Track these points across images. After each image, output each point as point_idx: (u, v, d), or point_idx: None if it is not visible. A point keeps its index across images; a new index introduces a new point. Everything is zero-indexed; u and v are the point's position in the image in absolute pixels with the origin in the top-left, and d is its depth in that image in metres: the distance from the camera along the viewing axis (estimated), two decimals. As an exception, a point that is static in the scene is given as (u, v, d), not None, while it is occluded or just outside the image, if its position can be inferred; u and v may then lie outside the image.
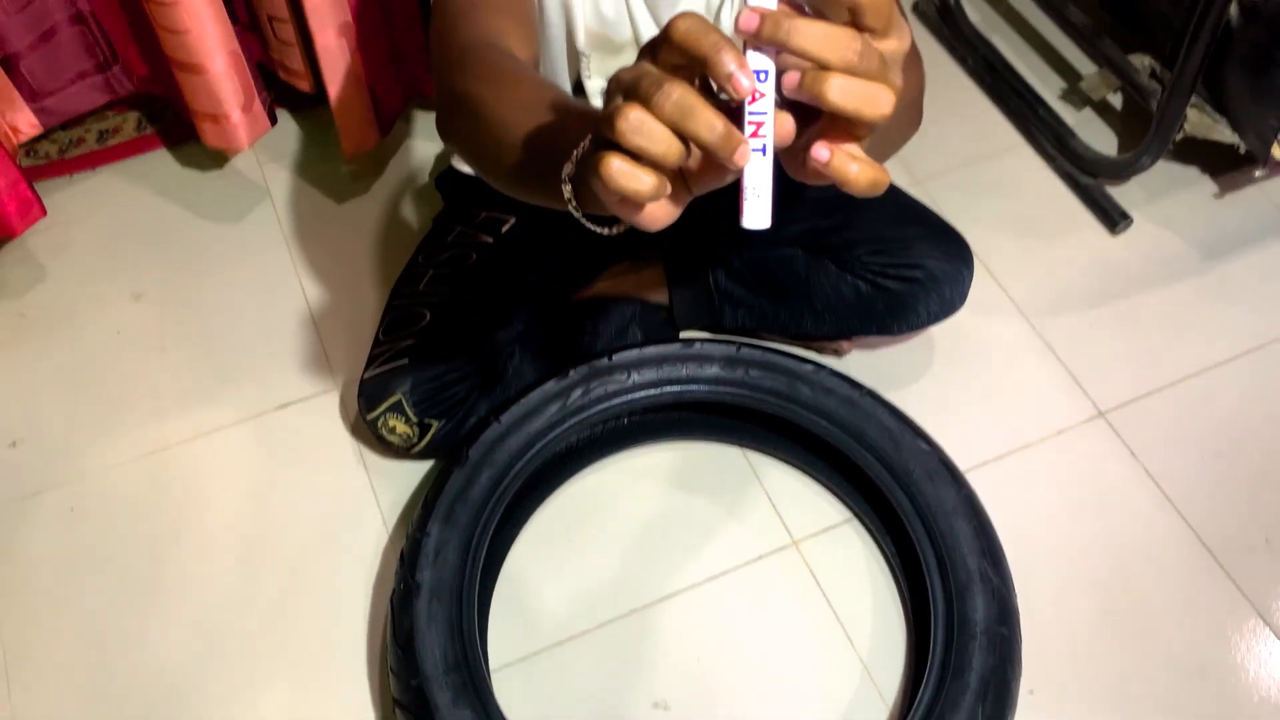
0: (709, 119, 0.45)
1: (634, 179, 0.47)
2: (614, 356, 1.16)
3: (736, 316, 1.29)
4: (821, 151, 0.48)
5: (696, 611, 1.14)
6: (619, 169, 0.47)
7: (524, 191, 0.65)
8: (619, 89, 0.48)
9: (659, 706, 1.09)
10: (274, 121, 1.40)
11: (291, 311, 1.39)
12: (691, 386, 1.17)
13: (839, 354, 1.32)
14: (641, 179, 0.47)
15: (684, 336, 1.31)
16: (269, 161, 1.54)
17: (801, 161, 0.50)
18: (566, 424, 1.13)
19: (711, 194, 0.52)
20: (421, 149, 1.55)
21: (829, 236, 1.21)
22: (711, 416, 1.25)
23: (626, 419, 1.23)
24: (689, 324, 1.32)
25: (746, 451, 1.26)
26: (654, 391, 1.16)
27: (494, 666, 1.10)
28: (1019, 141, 1.57)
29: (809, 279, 1.22)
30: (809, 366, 1.17)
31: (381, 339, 1.18)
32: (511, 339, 1.20)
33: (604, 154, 0.47)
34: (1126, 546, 1.19)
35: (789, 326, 1.27)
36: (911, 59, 0.73)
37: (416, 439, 1.16)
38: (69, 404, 1.31)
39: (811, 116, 0.50)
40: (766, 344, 1.22)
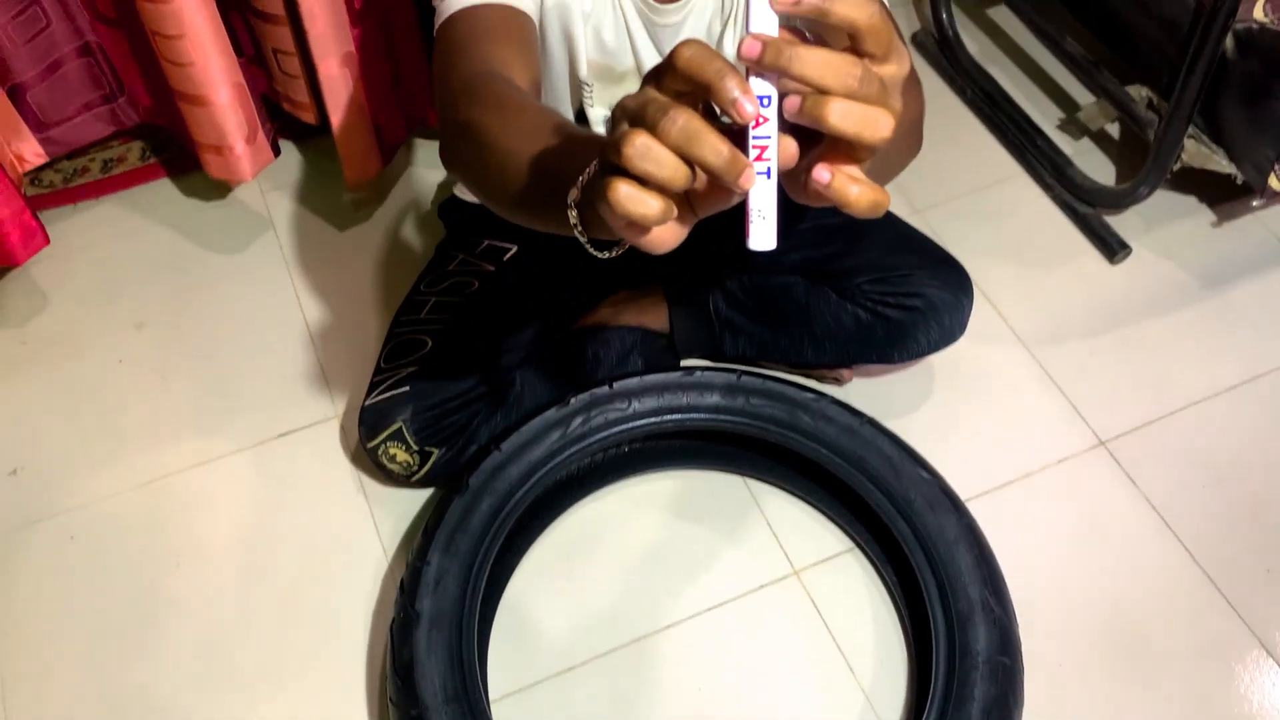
0: (714, 144, 0.46)
1: (641, 203, 0.48)
2: (615, 384, 1.17)
3: (737, 344, 1.29)
4: (823, 174, 0.49)
5: (697, 641, 1.14)
6: (627, 194, 0.48)
7: (528, 217, 0.65)
8: (625, 115, 0.49)
9: (659, 737, 1.08)
10: (277, 153, 1.41)
11: (293, 340, 1.39)
12: (692, 415, 1.17)
13: (839, 382, 1.32)
14: (649, 203, 0.48)
15: (685, 364, 1.32)
16: (271, 190, 1.55)
17: (803, 184, 0.51)
18: (567, 452, 1.13)
19: (714, 219, 0.52)
20: (423, 177, 1.56)
21: (829, 264, 1.21)
22: (712, 445, 1.25)
23: (627, 447, 1.23)
24: (690, 352, 1.32)
25: (747, 480, 1.26)
26: (654, 419, 1.16)
27: (494, 697, 1.09)
28: (1017, 171, 1.58)
29: (809, 307, 1.22)
30: (809, 395, 1.17)
31: (383, 367, 1.19)
32: (512, 367, 1.20)
33: (611, 179, 0.48)
34: (1128, 576, 1.19)
35: (789, 354, 1.27)
36: (911, 83, 0.74)
37: (417, 467, 1.16)
38: (70, 432, 1.31)
39: (814, 140, 0.50)
40: (767, 372, 1.22)
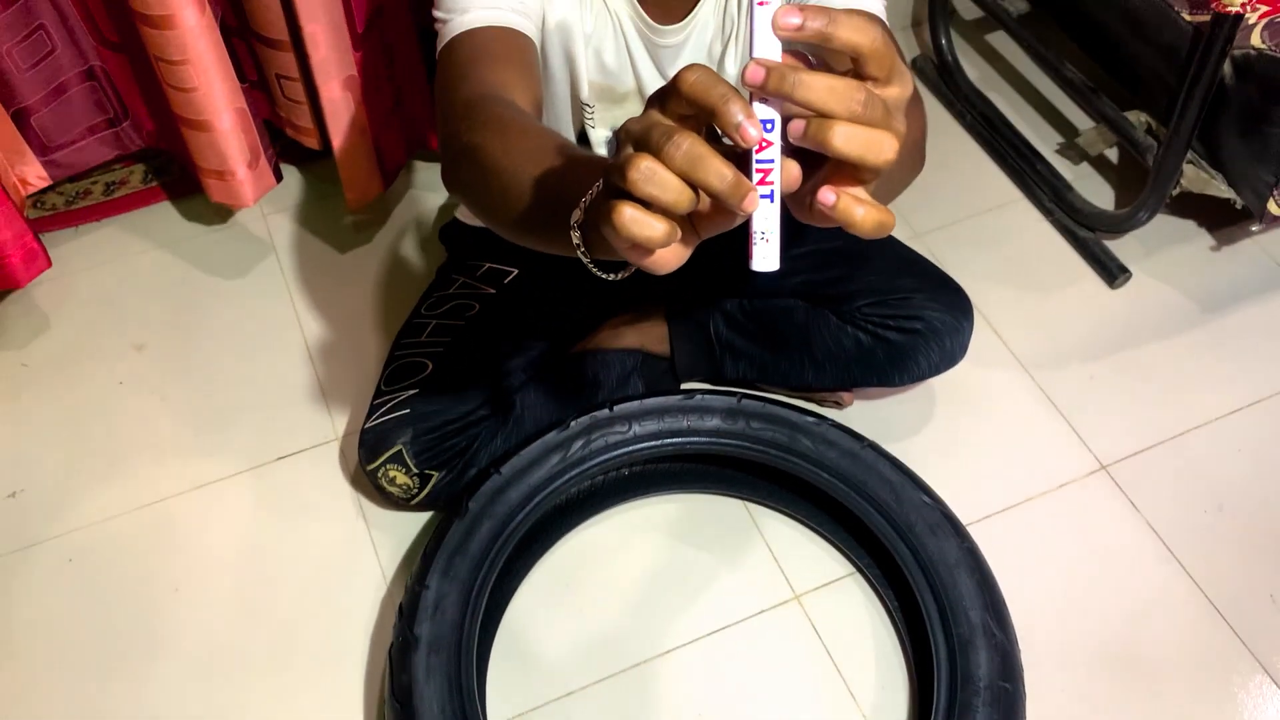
0: (718, 168, 0.46)
1: (646, 226, 0.48)
2: (615, 408, 1.17)
3: (737, 367, 1.29)
4: (828, 195, 0.49)
5: (698, 666, 1.13)
6: (631, 216, 0.48)
7: (531, 239, 0.65)
8: (629, 139, 0.50)
9: (659, 763, 1.07)
10: (279, 178, 1.41)
11: (293, 362, 1.39)
12: (692, 438, 1.17)
13: (840, 406, 1.32)
14: (653, 226, 0.48)
15: (685, 387, 1.32)
16: (273, 213, 1.55)
17: (808, 206, 0.51)
18: (567, 475, 1.13)
19: (716, 242, 0.53)
20: (424, 200, 1.57)
21: (830, 288, 1.21)
22: (713, 468, 1.24)
23: (627, 470, 1.23)
24: (690, 375, 1.32)
25: (748, 503, 1.25)
26: (655, 443, 1.16)
27: (492, 722, 1.09)
28: (1017, 196, 1.59)
29: (809, 330, 1.22)
30: (810, 418, 1.17)
31: (383, 389, 1.19)
32: (513, 390, 1.20)
33: (616, 202, 0.48)
34: (1130, 601, 1.18)
35: (790, 377, 1.27)
36: (913, 104, 0.74)
37: (417, 490, 1.16)
38: (69, 454, 1.31)
39: (817, 162, 0.50)
40: (767, 395, 1.22)
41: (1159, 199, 1.40)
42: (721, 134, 0.48)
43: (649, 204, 0.48)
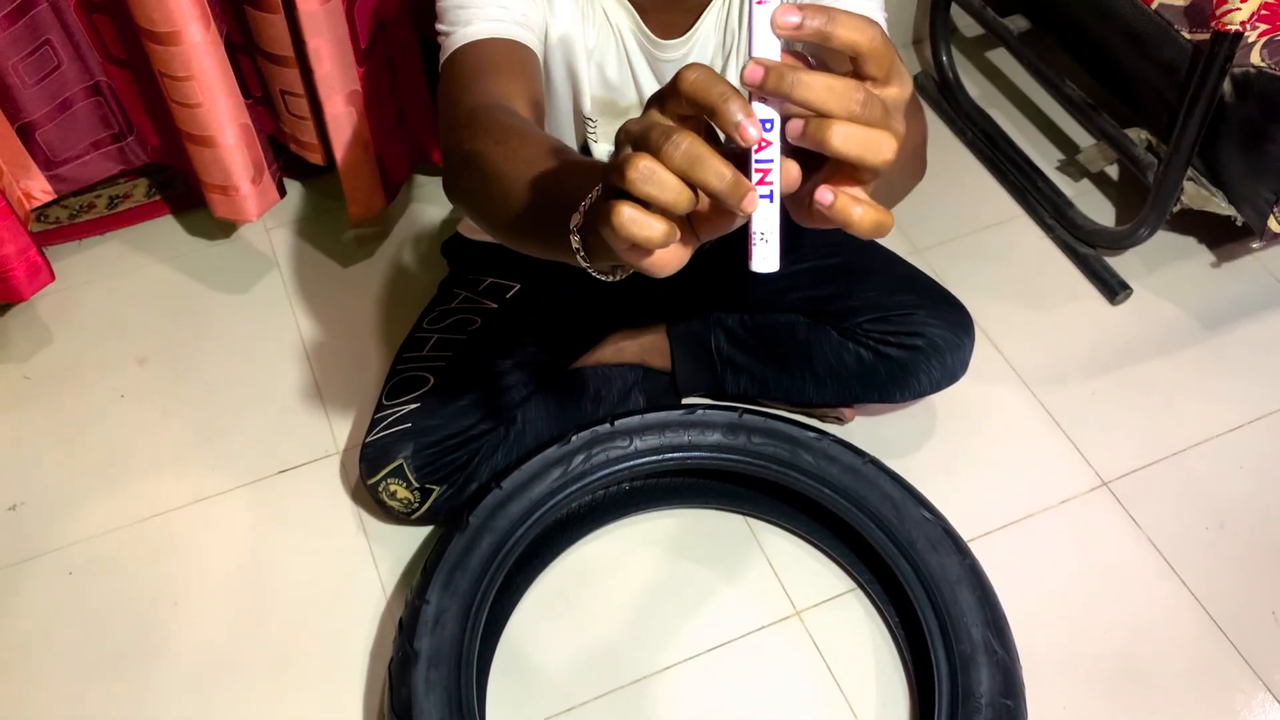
0: (718, 168, 0.46)
1: (645, 226, 0.48)
2: (616, 422, 1.17)
3: (739, 383, 1.29)
4: (826, 195, 0.49)
5: (698, 682, 1.13)
6: (630, 217, 0.48)
7: (531, 244, 0.66)
8: (628, 139, 0.50)
9: (659, 780, 1.07)
10: (283, 194, 1.42)
11: (295, 376, 1.39)
12: (693, 453, 1.17)
13: (841, 421, 1.32)
14: (652, 226, 0.48)
15: (686, 402, 1.32)
16: (275, 227, 1.56)
17: (807, 207, 0.51)
18: (568, 490, 1.13)
19: (717, 251, 0.53)
20: (426, 214, 1.57)
21: (831, 304, 1.21)
22: (714, 483, 1.24)
23: (628, 485, 1.23)
24: (691, 390, 1.32)
25: (748, 519, 1.25)
26: (656, 458, 1.16)
27: (492, 737, 1.08)
28: (1018, 212, 1.59)
29: (810, 345, 1.22)
30: (811, 434, 1.17)
31: (384, 403, 1.19)
32: (514, 404, 1.20)
33: (615, 202, 0.48)
34: (1132, 618, 1.18)
35: (791, 393, 1.27)
36: (913, 109, 0.74)
37: (417, 504, 1.16)
38: (70, 467, 1.31)
39: (817, 162, 0.50)
40: (768, 411, 1.22)
41: (1159, 216, 1.40)
42: (721, 134, 0.48)
43: (648, 204, 0.48)
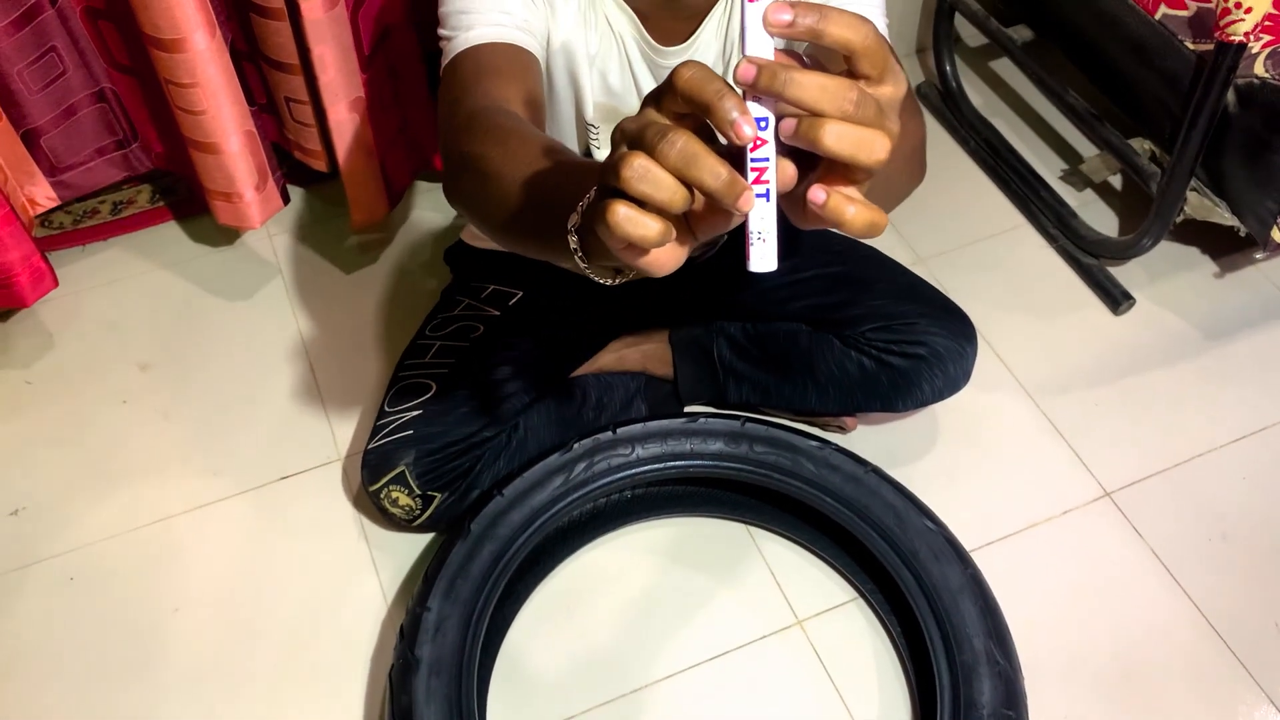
0: (713, 166, 0.46)
1: (640, 225, 0.48)
2: (618, 430, 1.17)
3: (741, 391, 1.29)
4: (818, 194, 0.49)
5: (699, 692, 1.13)
6: (625, 215, 0.48)
7: (530, 246, 0.65)
8: (624, 138, 0.50)
9: (660, 789, 1.07)
10: (286, 201, 1.42)
11: (297, 382, 1.39)
12: (695, 461, 1.17)
13: (844, 430, 1.32)
14: (647, 225, 0.48)
15: (688, 410, 1.32)
16: (279, 233, 1.56)
17: (803, 207, 0.51)
18: (570, 498, 1.13)
19: (718, 258, 0.53)
20: (429, 221, 1.58)
21: (834, 312, 1.21)
22: (715, 491, 1.24)
23: (630, 493, 1.23)
24: (693, 398, 1.32)
25: (750, 527, 1.25)
26: (658, 466, 1.16)
27: (492, 746, 1.08)
28: (1021, 222, 1.59)
29: (813, 354, 1.22)
30: (813, 442, 1.17)
31: (386, 410, 1.19)
32: (516, 412, 1.20)
33: (610, 201, 0.48)
34: (1134, 630, 1.17)
35: (793, 402, 1.27)
36: (911, 109, 0.74)
37: (419, 511, 1.16)
38: (72, 473, 1.31)
39: (813, 162, 0.50)
40: (771, 419, 1.22)
41: (1163, 226, 1.40)
42: (720, 135, 0.48)
43: (644, 203, 0.48)
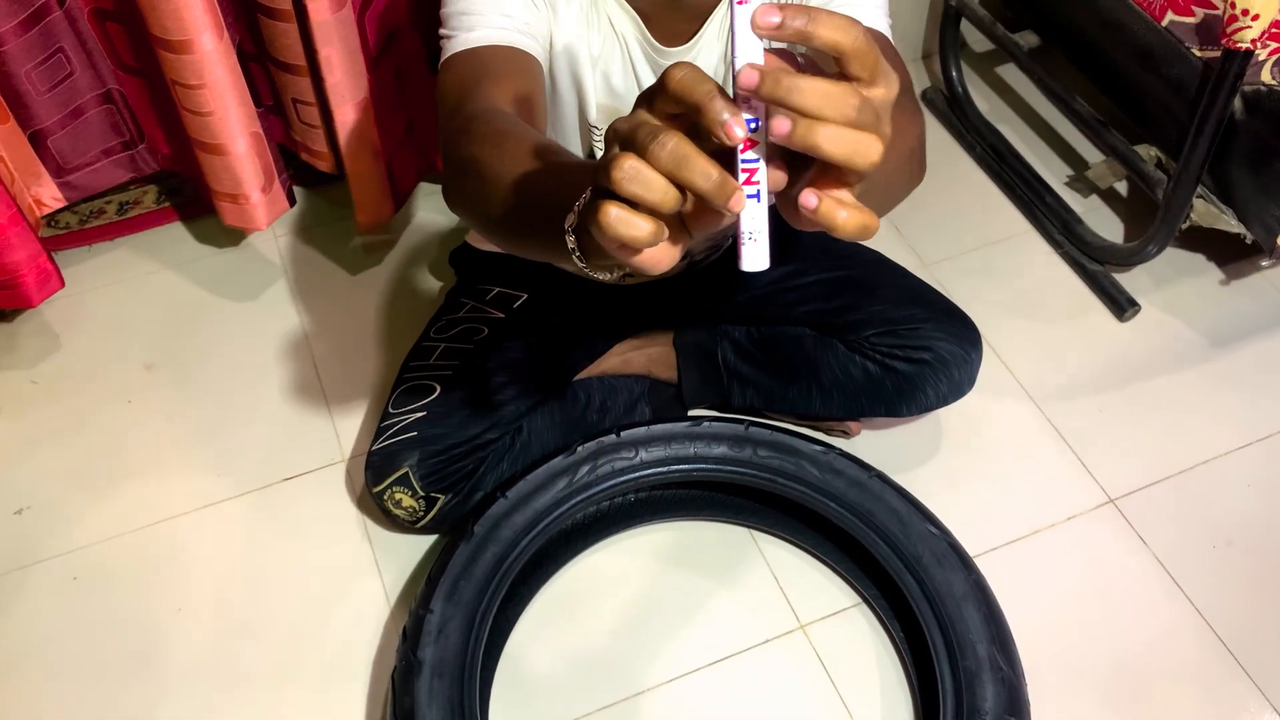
0: (704, 167, 0.47)
1: (631, 225, 0.48)
2: (621, 433, 1.16)
3: (745, 395, 1.29)
4: (810, 198, 0.49)
5: (701, 695, 1.13)
6: (617, 216, 0.48)
7: (529, 247, 0.66)
8: (616, 138, 0.50)
9: (661, 793, 1.06)
10: (292, 202, 1.42)
11: (301, 383, 1.40)
12: (699, 465, 1.17)
13: (848, 435, 1.32)
14: (639, 225, 0.48)
15: (692, 414, 1.32)
16: (284, 234, 1.56)
17: (796, 208, 0.51)
18: (573, 500, 1.13)
19: (720, 270, 0.53)
20: (434, 223, 1.58)
21: (838, 317, 1.21)
22: (718, 495, 1.24)
23: (633, 496, 1.23)
24: (697, 402, 1.32)
25: (753, 532, 1.25)
26: (661, 469, 1.16)
27: (494, 748, 1.08)
28: (1027, 228, 1.59)
29: (817, 358, 1.22)
30: (817, 447, 1.17)
31: (391, 412, 1.19)
32: (520, 414, 1.20)
33: (602, 202, 0.49)
34: (1138, 636, 1.17)
35: (797, 406, 1.27)
36: (909, 112, 0.74)
37: (422, 513, 1.16)
38: (76, 472, 1.31)
39: (806, 162, 0.50)
40: (775, 424, 1.22)
41: (1168, 233, 1.40)
42: (707, 132, 0.48)
43: (636, 204, 0.48)
